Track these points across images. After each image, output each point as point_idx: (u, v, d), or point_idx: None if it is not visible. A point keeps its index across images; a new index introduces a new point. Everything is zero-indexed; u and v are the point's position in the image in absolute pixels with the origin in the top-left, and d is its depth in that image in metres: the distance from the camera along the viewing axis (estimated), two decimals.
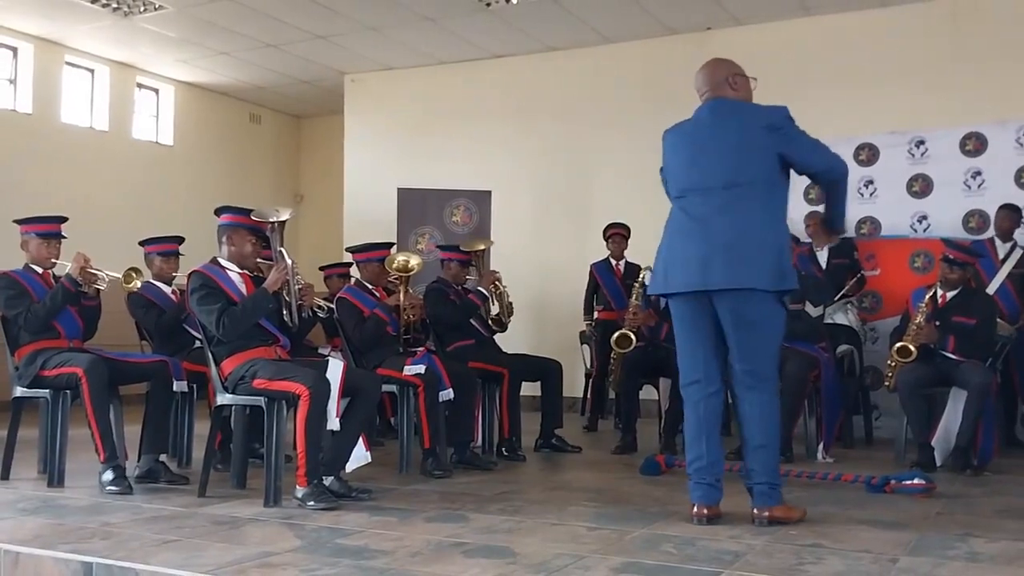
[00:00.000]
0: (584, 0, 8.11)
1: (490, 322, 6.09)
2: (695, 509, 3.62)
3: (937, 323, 5.43)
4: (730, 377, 3.65)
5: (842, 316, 6.34)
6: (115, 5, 8.29)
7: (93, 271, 4.67)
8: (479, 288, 5.96)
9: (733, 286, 3.50)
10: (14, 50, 9.18)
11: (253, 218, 4.30)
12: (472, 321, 5.90)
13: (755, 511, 3.55)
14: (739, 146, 3.60)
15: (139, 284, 5.10)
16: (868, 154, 7.29)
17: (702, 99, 3.81)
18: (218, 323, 4.06)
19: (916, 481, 4.34)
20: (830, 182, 3.75)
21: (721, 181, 3.58)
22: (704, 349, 3.65)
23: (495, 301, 6.11)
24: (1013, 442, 6.22)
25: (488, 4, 8.18)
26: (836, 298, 6.26)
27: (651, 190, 8.61)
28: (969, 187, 6.95)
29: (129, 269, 5.08)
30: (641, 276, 6.39)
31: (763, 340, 3.58)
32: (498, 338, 6.13)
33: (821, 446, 5.61)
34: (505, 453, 5.61)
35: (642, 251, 7.35)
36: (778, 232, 3.61)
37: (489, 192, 8.98)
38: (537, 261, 9.20)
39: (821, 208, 4.30)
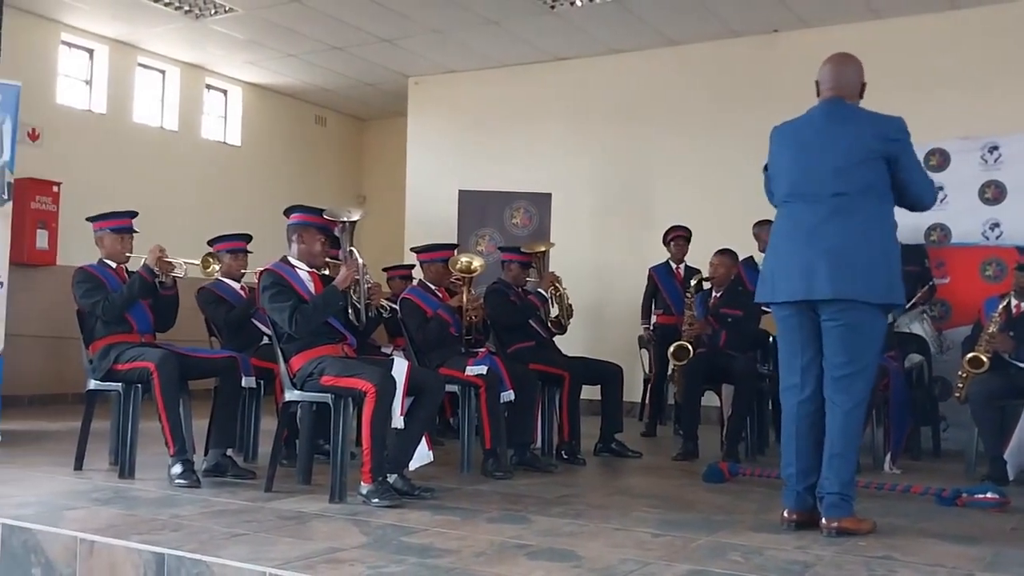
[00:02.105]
0: (649, 2, 8.06)
1: (549, 324, 6.08)
2: (784, 514, 3.63)
3: (1011, 333, 5.29)
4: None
5: (918, 326, 6.20)
6: (187, 8, 8.47)
7: (169, 260, 4.78)
8: (539, 290, 5.96)
9: (839, 296, 3.45)
10: (90, 52, 9.43)
11: (325, 217, 4.36)
12: (532, 323, 5.90)
13: (824, 521, 3.50)
14: (850, 152, 3.52)
15: (217, 268, 5.19)
16: (939, 160, 7.12)
17: (821, 94, 3.72)
18: (290, 320, 4.13)
19: (989, 495, 4.23)
20: (915, 208, 3.69)
21: (830, 188, 3.51)
22: (802, 356, 3.63)
23: (555, 303, 6.11)
24: None
25: (552, 6, 8.18)
26: (907, 307, 6.13)
27: (713, 193, 8.61)
28: None
29: (206, 255, 5.19)
30: (692, 283, 6.32)
31: (861, 352, 3.53)
32: (557, 340, 6.13)
33: (888, 457, 5.50)
34: (564, 456, 5.59)
35: (703, 255, 7.30)
36: (887, 242, 3.55)
37: (549, 195, 8.98)
38: (597, 264, 9.17)
39: None
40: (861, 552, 3.24)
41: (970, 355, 5.36)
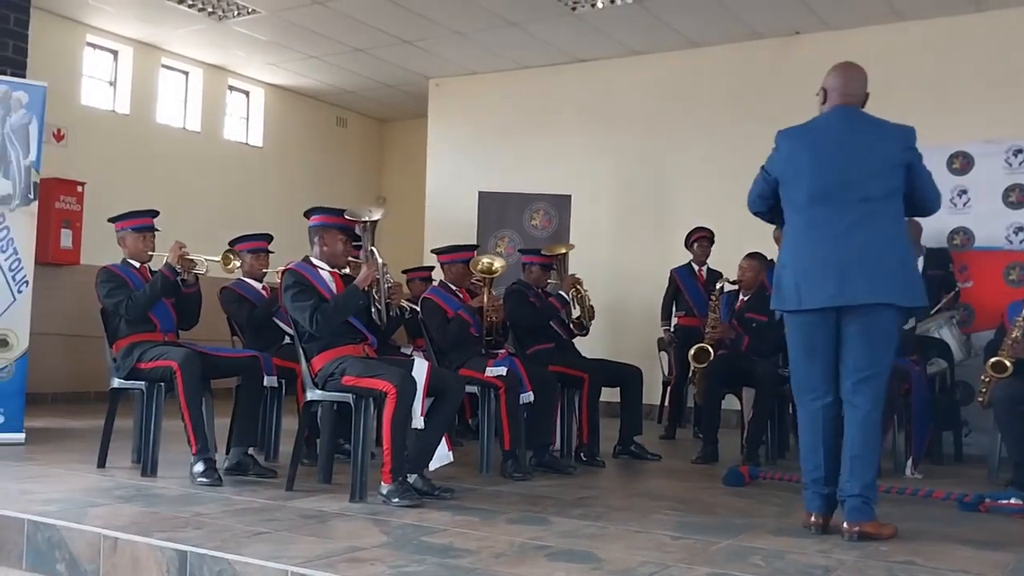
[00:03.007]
0: (670, 4, 8.04)
1: (571, 325, 6.08)
2: (811, 519, 3.62)
3: None
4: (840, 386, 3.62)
5: (947, 332, 6.11)
6: (210, 9, 8.53)
7: (191, 258, 4.82)
8: (559, 292, 5.96)
9: (874, 301, 3.48)
10: (115, 53, 9.52)
11: (347, 217, 4.38)
12: (552, 324, 5.90)
13: (845, 525, 3.49)
14: (877, 158, 3.57)
15: (237, 265, 5.23)
16: (962, 163, 7.08)
17: (828, 101, 3.73)
18: (311, 320, 4.15)
19: (1013, 501, 4.19)
20: (923, 212, 3.80)
21: (858, 192, 3.54)
22: (822, 362, 3.63)
23: (576, 305, 6.10)
24: None
25: (573, 8, 8.18)
26: (932, 312, 6.08)
27: (733, 196, 8.54)
28: None
29: (227, 251, 5.23)
30: (719, 285, 6.29)
31: (882, 354, 3.56)
32: (577, 342, 6.12)
33: (910, 461, 5.46)
34: (583, 458, 5.59)
35: (722, 257, 7.28)
36: (908, 245, 3.64)
37: (569, 196, 8.97)
38: (616, 266, 9.16)
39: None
40: (883, 557, 3.22)
41: (993, 360, 5.30)
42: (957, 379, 6.36)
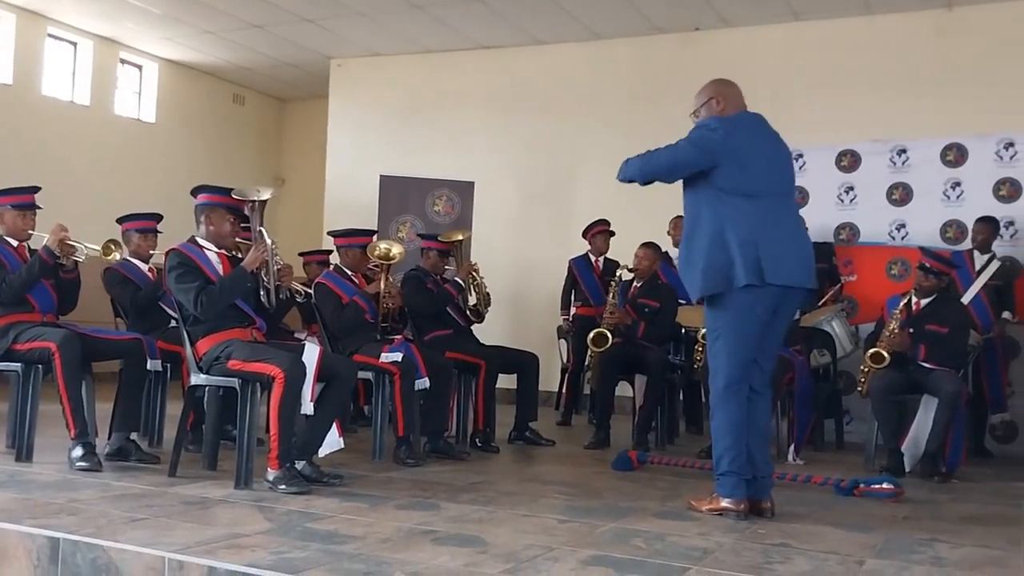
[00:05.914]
0: None
1: (468, 312, 6.08)
2: (742, 505, 3.65)
3: (910, 330, 5.48)
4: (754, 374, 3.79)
5: (838, 323, 6.32)
6: None
7: (72, 243, 4.62)
8: (456, 279, 5.95)
9: (813, 286, 3.87)
10: None
11: (234, 197, 4.26)
12: (449, 311, 5.90)
13: (770, 504, 3.73)
14: (790, 164, 3.95)
15: (118, 256, 5.05)
16: (850, 161, 7.34)
17: (728, 107, 3.85)
18: (196, 302, 4.03)
19: (884, 485, 4.38)
20: None
21: (789, 188, 3.91)
22: (754, 346, 3.73)
23: (472, 292, 6.11)
24: (981, 451, 6.29)
25: None
26: (819, 304, 6.29)
27: (633, 187, 8.68)
28: (948, 197, 7.01)
29: (108, 241, 5.04)
30: (618, 274, 6.39)
31: None
32: (475, 330, 6.13)
33: (792, 448, 5.65)
34: (479, 444, 5.61)
35: (622, 247, 7.38)
36: None
37: (472, 183, 8.97)
38: (517, 254, 9.20)
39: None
40: (760, 539, 3.32)
41: (872, 351, 5.52)
42: (840, 369, 6.61)
